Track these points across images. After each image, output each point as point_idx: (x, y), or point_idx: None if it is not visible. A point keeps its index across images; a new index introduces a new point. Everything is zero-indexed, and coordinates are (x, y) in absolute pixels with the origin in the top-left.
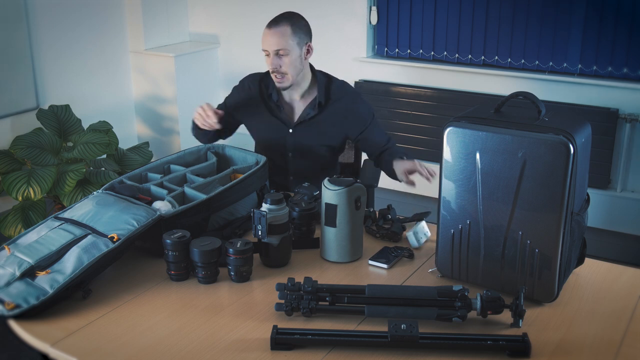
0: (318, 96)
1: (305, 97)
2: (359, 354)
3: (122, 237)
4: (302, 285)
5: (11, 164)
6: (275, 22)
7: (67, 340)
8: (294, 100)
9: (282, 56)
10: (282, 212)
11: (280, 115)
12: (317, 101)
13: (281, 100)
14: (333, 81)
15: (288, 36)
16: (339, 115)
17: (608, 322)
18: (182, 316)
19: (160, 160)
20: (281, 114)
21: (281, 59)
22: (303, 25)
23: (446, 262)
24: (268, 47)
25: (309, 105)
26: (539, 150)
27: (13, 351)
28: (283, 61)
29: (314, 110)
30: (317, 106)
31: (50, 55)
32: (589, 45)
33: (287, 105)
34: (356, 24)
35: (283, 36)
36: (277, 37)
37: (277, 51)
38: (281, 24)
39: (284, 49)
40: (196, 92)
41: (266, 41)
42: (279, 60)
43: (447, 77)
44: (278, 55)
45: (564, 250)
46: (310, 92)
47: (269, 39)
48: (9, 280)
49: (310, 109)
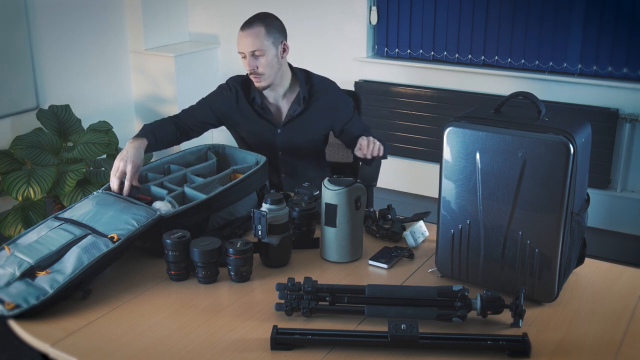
0: (301, 91)
1: (288, 95)
2: (359, 354)
3: (122, 237)
4: (302, 285)
5: (11, 164)
6: (248, 23)
7: (67, 340)
8: (278, 100)
9: (258, 57)
10: (282, 212)
11: (267, 117)
12: (301, 96)
13: (265, 102)
14: (312, 76)
15: (262, 36)
16: (325, 109)
17: (608, 322)
18: (182, 316)
19: (160, 160)
20: (267, 115)
21: (257, 59)
22: (277, 25)
23: (446, 262)
24: (243, 48)
25: (294, 102)
26: (539, 150)
27: (13, 351)
28: (260, 62)
29: (299, 106)
30: (302, 101)
31: (50, 55)
32: (589, 45)
33: (272, 106)
34: (356, 24)
35: (257, 37)
36: (252, 38)
37: (252, 52)
38: (254, 25)
39: (259, 50)
40: (196, 92)
41: (241, 43)
42: (256, 61)
43: (447, 77)
44: (254, 56)
45: (564, 250)
46: (292, 89)
47: (243, 40)
48: (9, 280)
49: (296, 105)
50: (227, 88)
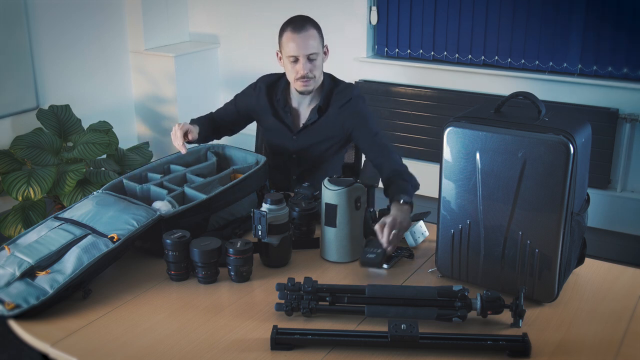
0: (320, 100)
1: (312, 102)
2: (359, 354)
3: (122, 237)
4: (302, 285)
5: (11, 164)
6: (301, 26)
7: (67, 340)
8: (301, 105)
9: (313, 60)
10: (282, 212)
11: (285, 120)
12: (317, 106)
13: (289, 106)
14: (338, 84)
15: (317, 39)
16: (336, 116)
17: (608, 322)
18: (182, 316)
19: (160, 160)
20: (287, 118)
21: (312, 63)
22: (320, 28)
23: (446, 262)
24: (299, 51)
25: (313, 109)
26: (539, 150)
27: (13, 351)
28: (314, 65)
29: (315, 115)
30: (316, 111)
31: (50, 55)
32: (589, 45)
33: (294, 110)
34: (356, 24)
35: (315, 39)
36: (311, 40)
37: (309, 55)
38: (308, 27)
39: (315, 53)
40: (196, 92)
41: (297, 46)
42: (311, 64)
43: (447, 77)
44: (309, 60)
45: (564, 250)
46: (316, 96)
47: (299, 43)
48: (9, 280)
49: (315, 112)
50: (255, 87)
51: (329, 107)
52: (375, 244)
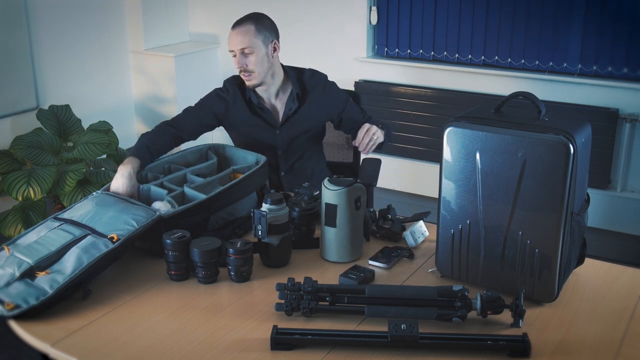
0: (294, 89)
1: (281, 95)
2: (359, 354)
3: (122, 238)
4: (302, 285)
5: (11, 164)
6: (239, 22)
7: (67, 340)
8: (272, 100)
9: (247, 55)
10: (282, 212)
11: (265, 117)
12: (294, 94)
13: (262, 103)
14: (303, 72)
15: (252, 34)
16: (319, 102)
17: (608, 322)
18: (182, 316)
19: (160, 160)
20: (265, 115)
21: (247, 57)
22: (267, 24)
23: (446, 262)
24: (233, 46)
25: (288, 100)
26: (539, 150)
27: (13, 351)
28: (249, 59)
29: (294, 104)
30: (295, 99)
31: (50, 55)
32: (589, 45)
33: (269, 105)
34: (356, 24)
35: (247, 34)
36: (242, 36)
37: (242, 50)
38: (245, 23)
39: (248, 47)
40: (196, 92)
41: (231, 41)
42: (245, 59)
43: (447, 77)
44: (244, 54)
45: (564, 250)
46: (285, 88)
47: (233, 38)
48: (9, 281)
49: (291, 102)
50: (224, 90)
51: (307, 94)
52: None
